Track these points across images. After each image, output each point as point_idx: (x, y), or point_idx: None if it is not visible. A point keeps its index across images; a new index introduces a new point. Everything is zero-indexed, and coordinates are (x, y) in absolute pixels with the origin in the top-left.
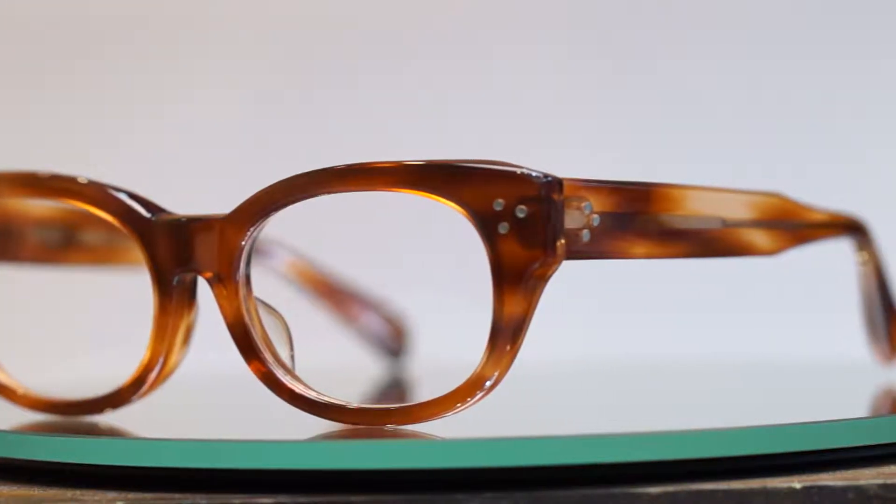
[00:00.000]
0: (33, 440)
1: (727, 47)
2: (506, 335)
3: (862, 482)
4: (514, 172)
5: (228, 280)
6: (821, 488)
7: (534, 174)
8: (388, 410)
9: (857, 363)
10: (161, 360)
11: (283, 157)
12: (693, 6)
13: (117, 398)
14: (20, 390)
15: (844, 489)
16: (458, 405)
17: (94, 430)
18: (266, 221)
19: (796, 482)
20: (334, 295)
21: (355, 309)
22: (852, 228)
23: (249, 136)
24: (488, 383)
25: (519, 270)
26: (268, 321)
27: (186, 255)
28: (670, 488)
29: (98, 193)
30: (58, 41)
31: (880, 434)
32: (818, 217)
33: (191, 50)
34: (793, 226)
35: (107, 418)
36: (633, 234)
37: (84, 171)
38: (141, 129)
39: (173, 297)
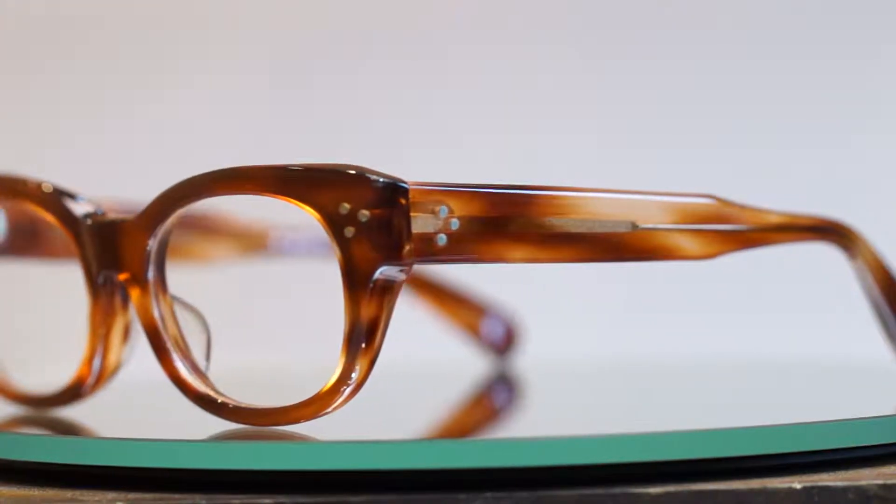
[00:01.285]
0: (33, 440)
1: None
2: (360, 338)
3: (862, 482)
4: (358, 177)
5: (141, 281)
6: (821, 488)
7: (376, 179)
8: (266, 411)
9: (857, 363)
10: (98, 359)
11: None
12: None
13: (61, 397)
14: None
15: (844, 489)
16: (328, 407)
17: (94, 431)
18: (167, 223)
19: (796, 482)
20: (434, 292)
21: (458, 306)
22: (827, 231)
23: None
24: (349, 385)
25: (365, 274)
26: (186, 322)
27: (109, 255)
28: (671, 488)
29: (39, 193)
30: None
31: (880, 434)
32: (772, 220)
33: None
34: (731, 229)
35: (107, 418)
36: (509, 237)
37: (81, 171)
38: (139, 129)
39: (101, 297)
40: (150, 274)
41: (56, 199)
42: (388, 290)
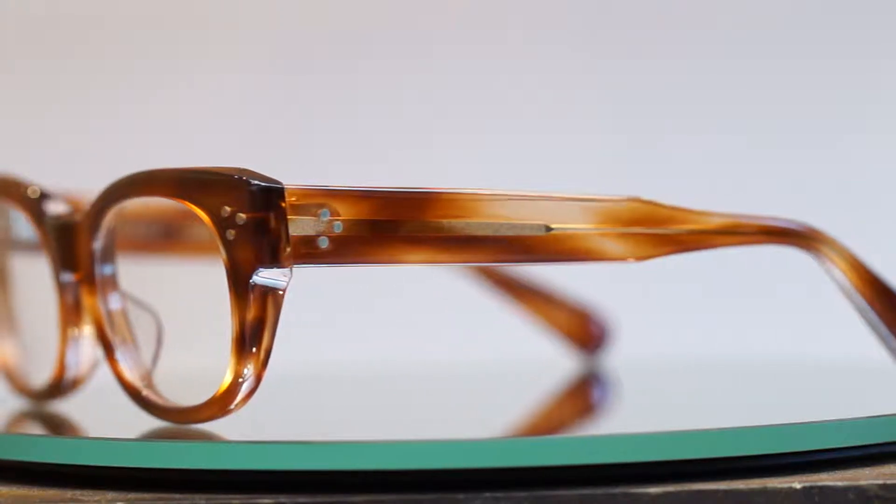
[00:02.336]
0: (33, 440)
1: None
2: (246, 340)
3: (862, 482)
4: (236, 180)
5: (90, 280)
6: (821, 488)
7: (252, 182)
8: (181, 410)
9: (857, 363)
10: (73, 357)
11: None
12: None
13: (42, 394)
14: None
15: (844, 489)
16: (228, 406)
17: (94, 431)
18: (104, 224)
19: (796, 482)
20: (521, 290)
21: (546, 304)
22: (784, 235)
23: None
24: (244, 385)
25: (245, 277)
26: (138, 320)
27: (67, 256)
28: (670, 488)
29: (20, 194)
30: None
31: (880, 433)
32: (714, 222)
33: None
34: (662, 232)
35: (107, 419)
36: (403, 240)
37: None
38: (137, 129)
39: (66, 297)
40: (97, 273)
41: (33, 201)
42: (270, 293)
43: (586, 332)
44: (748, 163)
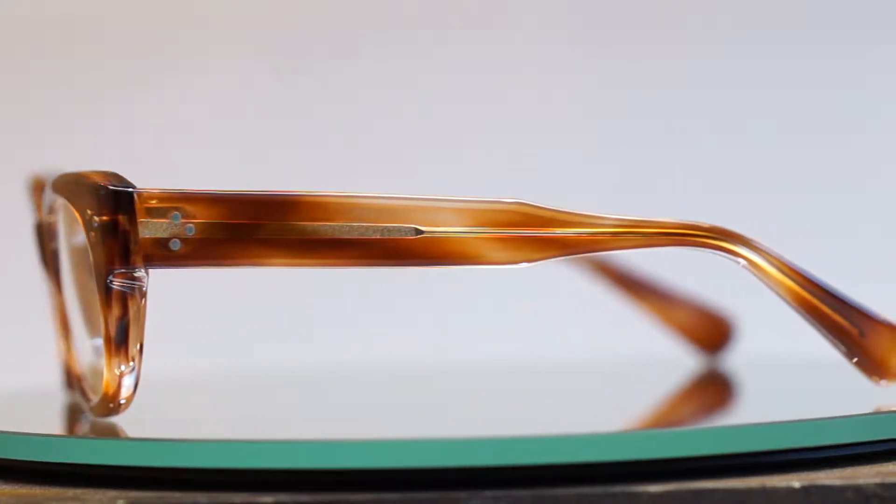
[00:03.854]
0: (33, 440)
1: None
2: (114, 338)
3: (861, 481)
4: (93, 183)
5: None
6: (820, 487)
7: (104, 185)
8: (93, 406)
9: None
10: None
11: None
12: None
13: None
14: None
15: (843, 488)
16: (114, 401)
17: (95, 431)
18: (44, 225)
19: (795, 481)
20: (640, 289)
21: (667, 303)
22: (687, 237)
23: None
24: (127, 380)
25: (103, 277)
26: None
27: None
28: (670, 487)
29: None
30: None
31: (878, 431)
32: (605, 225)
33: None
34: (546, 235)
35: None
36: (261, 242)
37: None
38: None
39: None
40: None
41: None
42: (129, 293)
43: (706, 331)
44: (747, 163)
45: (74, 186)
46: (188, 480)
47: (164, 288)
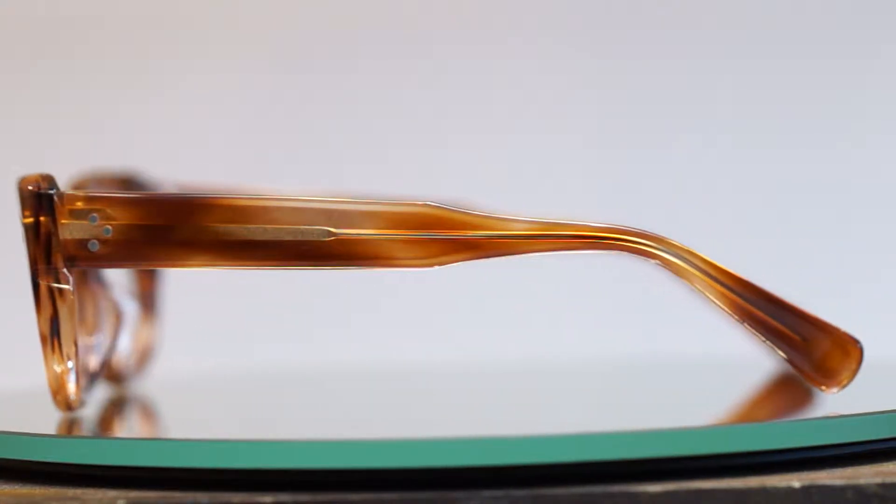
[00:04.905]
0: (33, 440)
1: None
2: (47, 336)
3: (861, 481)
4: (22, 186)
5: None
6: (820, 487)
7: (27, 188)
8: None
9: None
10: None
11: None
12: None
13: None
14: None
15: (843, 488)
16: (63, 397)
17: (95, 431)
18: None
19: (795, 481)
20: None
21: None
22: (600, 240)
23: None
24: (70, 377)
25: (33, 276)
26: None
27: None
28: (669, 487)
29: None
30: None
31: (878, 430)
32: (516, 228)
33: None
34: (456, 237)
35: (107, 419)
36: (179, 244)
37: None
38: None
39: None
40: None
41: None
42: (56, 291)
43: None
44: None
45: (21, 188)
46: (188, 480)
47: (165, 288)
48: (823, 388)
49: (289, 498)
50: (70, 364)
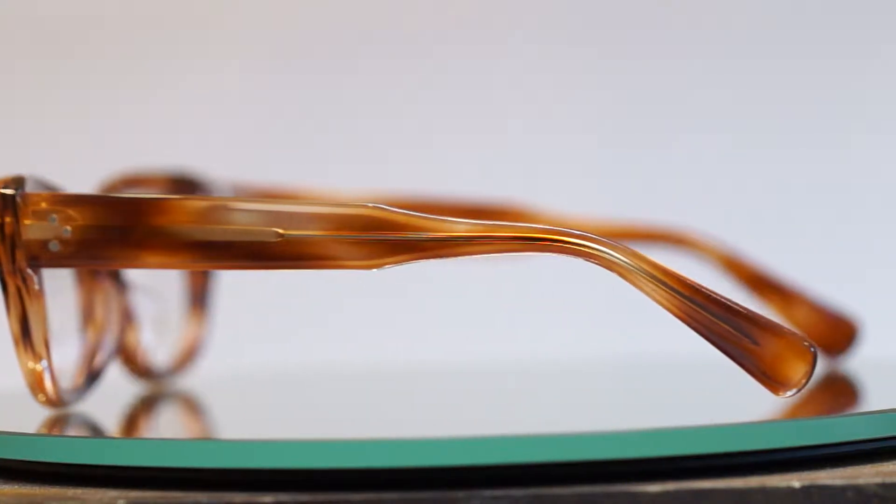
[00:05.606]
0: (33, 440)
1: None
2: (22, 335)
3: (861, 481)
4: None
5: None
6: (820, 487)
7: None
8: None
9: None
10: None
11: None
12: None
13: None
14: None
15: (843, 488)
16: (41, 395)
17: (95, 430)
18: None
19: (795, 481)
20: (766, 287)
21: (789, 302)
22: (539, 241)
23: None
24: (46, 375)
25: (1, 277)
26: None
27: None
28: (670, 487)
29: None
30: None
31: (877, 428)
32: (458, 231)
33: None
34: (399, 239)
35: (107, 418)
36: (135, 244)
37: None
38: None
39: None
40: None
41: None
42: (24, 291)
43: (829, 333)
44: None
45: None
46: (188, 480)
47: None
48: (776, 392)
49: (289, 498)
50: (43, 363)
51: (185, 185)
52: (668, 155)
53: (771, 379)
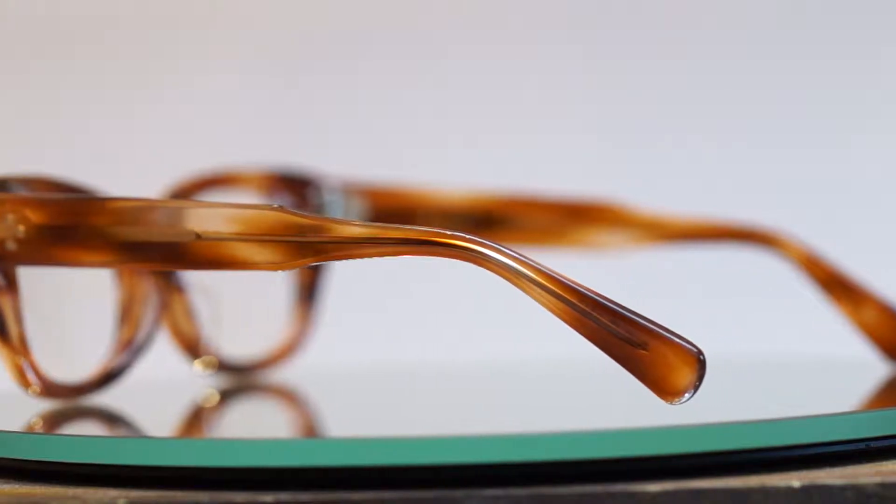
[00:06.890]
0: (34, 440)
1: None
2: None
3: (860, 481)
4: None
5: None
6: (819, 487)
7: None
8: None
9: (856, 360)
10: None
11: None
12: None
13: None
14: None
15: (843, 488)
16: (40, 392)
17: (95, 430)
18: None
19: (795, 481)
20: (841, 288)
21: (860, 304)
22: (429, 244)
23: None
24: (30, 372)
25: None
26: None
27: None
28: (669, 486)
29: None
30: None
31: (877, 427)
32: (356, 233)
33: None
34: (303, 241)
35: (110, 418)
36: (78, 244)
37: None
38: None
39: None
40: None
41: None
42: None
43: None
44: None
45: None
46: (189, 479)
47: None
48: (665, 399)
49: (289, 497)
50: (22, 360)
51: (294, 182)
52: (669, 155)
53: (659, 386)
